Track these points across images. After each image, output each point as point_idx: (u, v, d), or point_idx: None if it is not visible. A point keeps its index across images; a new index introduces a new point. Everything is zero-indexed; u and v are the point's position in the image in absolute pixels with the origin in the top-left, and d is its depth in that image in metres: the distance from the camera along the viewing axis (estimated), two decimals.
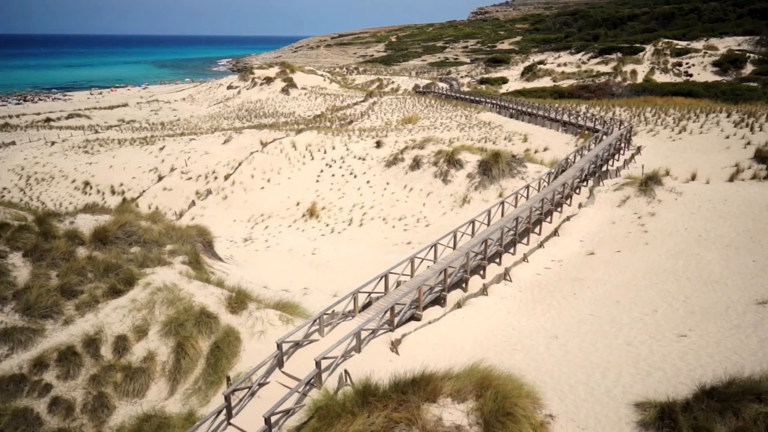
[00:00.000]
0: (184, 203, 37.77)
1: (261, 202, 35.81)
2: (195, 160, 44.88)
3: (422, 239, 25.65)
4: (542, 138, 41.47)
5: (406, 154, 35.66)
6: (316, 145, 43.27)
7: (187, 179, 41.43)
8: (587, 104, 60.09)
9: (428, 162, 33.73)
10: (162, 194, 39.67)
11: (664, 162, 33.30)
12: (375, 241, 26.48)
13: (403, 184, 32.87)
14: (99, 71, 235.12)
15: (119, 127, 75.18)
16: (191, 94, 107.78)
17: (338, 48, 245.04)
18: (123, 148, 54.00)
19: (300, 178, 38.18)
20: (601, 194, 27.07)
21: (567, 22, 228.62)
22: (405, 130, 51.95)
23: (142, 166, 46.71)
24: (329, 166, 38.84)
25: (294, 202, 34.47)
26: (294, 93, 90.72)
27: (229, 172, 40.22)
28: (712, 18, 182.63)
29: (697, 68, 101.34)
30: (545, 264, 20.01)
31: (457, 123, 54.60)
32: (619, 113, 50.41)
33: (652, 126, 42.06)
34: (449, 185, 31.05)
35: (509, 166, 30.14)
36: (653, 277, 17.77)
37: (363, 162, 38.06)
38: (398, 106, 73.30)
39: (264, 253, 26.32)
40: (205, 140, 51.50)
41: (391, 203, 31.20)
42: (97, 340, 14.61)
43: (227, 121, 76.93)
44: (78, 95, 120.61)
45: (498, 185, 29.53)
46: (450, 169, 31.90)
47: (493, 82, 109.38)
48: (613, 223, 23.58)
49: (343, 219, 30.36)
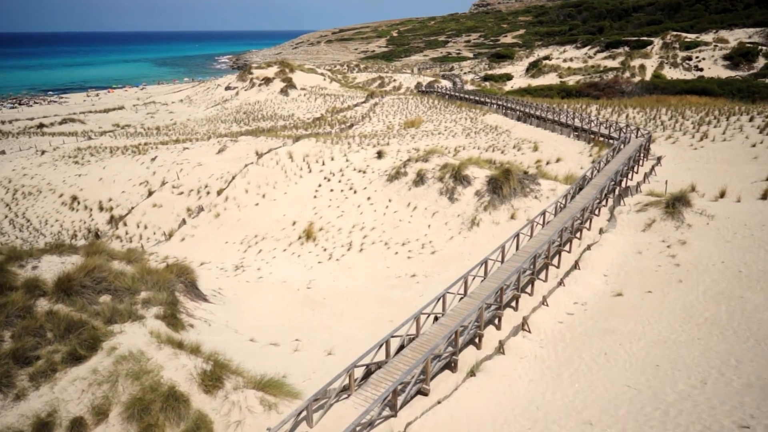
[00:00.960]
0: (174, 221, 35.62)
1: (255, 221, 33.62)
2: (187, 172, 42.74)
3: (428, 270, 23.43)
4: (553, 146, 39.08)
5: (409, 168, 33.38)
6: (314, 155, 41.01)
7: (179, 194, 39.28)
8: (597, 104, 57.58)
9: (433, 177, 31.46)
10: (151, 211, 37.54)
11: (688, 175, 30.93)
12: (376, 271, 24.26)
13: (407, 202, 30.62)
14: (98, 71, 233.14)
15: (113, 133, 73.05)
16: (189, 96, 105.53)
17: (339, 44, 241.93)
18: (114, 158, 51.90)
19: (297, 193, 35.96)
20: (623, 216, 24.76)
21: (571, 14, 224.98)
22: (408, 136, 49.63)
23: (132, 178, 44.60)
24: (328, 179, 36.60)
25: (290, 221, 32.27)
26: (293, 94, 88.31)
27: (222, 187, 38.04)
28: (719, 8, 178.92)
29: (708, 62, 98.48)
30: (567, 308, 17.76)
31: (462, 127, 52.21)
32: (632, 116, 47.92)
33: (670, 131, 39.61)
34: (456, 204, 28.78)
35: (521, 183, 27.82)
36: (693, 329, 15.51)
37: (363, 175, 35.81)
38: (400, 107, 70.87)
39: (255, 285, 24.15)
40: (199, 149, 49.33)
41: (393, 224, 28.96)
42: (50, 424, 12.50)
43: (224, 125, 74.71)
44: (74, 97, 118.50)
45: (509, 205, 27.23)
46: (457, 186, 29.61)
47: (498, 78, 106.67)
48: (639, 252, 21.30)
49: (342, 242, 28.14)
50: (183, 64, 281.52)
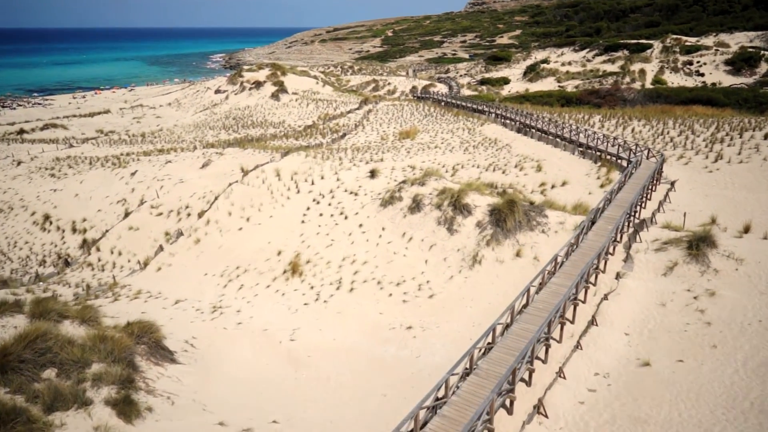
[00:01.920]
0: (151, 248, 33.04)
1: (238, 249, 31.11)
2: (168, 189, 40.14)
3: (425, 319, 21.02)
4: (558, 165, 36.75)
5: (404, 192, 30.95)
6: (302, 173, 38.51)
7: (158, 215, 36.68)
8: (600, 115, 55.35)
9: (430, 204, 29.05)
10: (127, 235, 34.94)
11: (705, 203, 28.69)
12: (368, 319, 21.83)
13: (401, 232, 28.19)
14: (88, 70, 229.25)
15: (96, 140, 70.19)
16: (178, 99, 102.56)
17: (333, 43, 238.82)
18: (93, 170, 49.15)
19: (283, 216, 33.46)
20: (640, 256, 22.44)
21: (567, 15, 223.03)
22: (402, 150, 47.19)
23: (110, 195, 41.93)
24: (317, 202, 34.12)
25: (275, 250, 29.77)
26: (284, 99, 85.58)
27: (204, 208, 35.47)
28: (717, 10, 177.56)
29: (709, 67, 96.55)
30: (588, 381, 15.41)
31: (459, 139, 49.82)
32: (638, 129, 45.67)
33: (681, 150, 37.37)
34: (455, 236, 26.38)
35: (527, 216, 25.45)
36: (740, 417, 13.20)
37: (355, 198, 33.36)
38: (395, 114, 68.41)
39: (233, 334, 21.68)
40: (182, 163, 46.70)
41: (387, 257, 26.53)
42: None
43: (212, 132, 72.00)
44: (60, 99, 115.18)
45: (514, 240, 24.85)
46: (456, 216, 27.21)
47: (494, 82, 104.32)
48: (662, 305, 18.97)
49: (331, 279, 25.68)
50: (176, 63, 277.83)
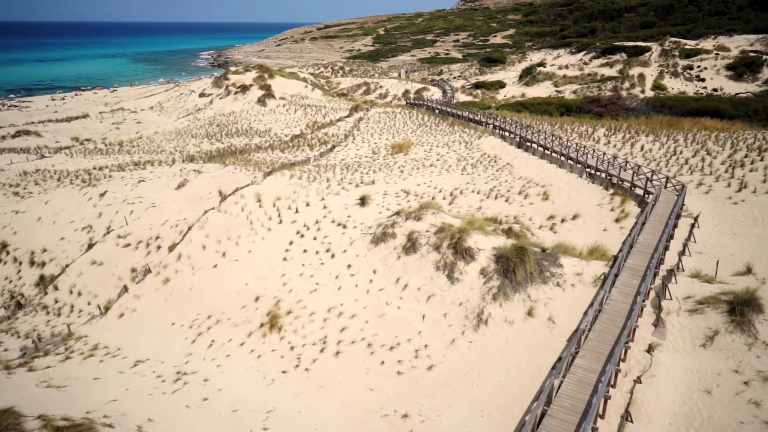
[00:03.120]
0: (115, 288, 29.53)
1: (211, 291, 27.68)
2: (138, 215, 36.62)
3: (423, 403, 17.76)
4: (565, 191, 33.61)
5: (397, 228, 27.68)
6: (286, 198, 35.12)
7: (125, 246, 33.16)
8: (604, 127, 52.37)
9: (427, 244, 25.80)
10: (89, 271, 31.40)
11: (735, 244, 25.65)
12: (357, 398, 18.54)
13: (395, 277, 24.93)
14: (72, 67, 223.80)
15: (70, 150, 66.18)
16: (160, 102, 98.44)
17: (323, 42, 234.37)
18: (61, 188, 45.36)
19: (263, 252, 30.07)
20: (672, 318, 19.33)
21: (561, 14, 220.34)
22: (395, 168, 43.90)
23: (75, 220, 38.30)
24: (301, 235, 30.77)
25: (252, 296, 26.39)
26: (271, 104, 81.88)
27: (176, 240, 32.00)
28: (713, 11, 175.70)
29: (710, 72, 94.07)
30: None
31: (456, 155, 46.59)
32: (648, 147, 42.65)
33: (698, 175, 34.35)
34: (457, 286, 23.16)
35: (539, 265, 22.24)
36: None
37: (343, 232, 30.05)
38: (387, 123, 65.05)
39: (197, 415, 18.33)
40: (157, 182, 43.10)
41: (378, 309, 23.27)
42: None
43: (194, 140, 68.23)
44: (38, 101, 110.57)
45: (525, 294, 21.65)
46: (457, 262, 23.97)
47: (489, 86, 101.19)
48: (708, 392, 15.86)
49: (314, 338, 22.35)
50: (163, 60, 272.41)
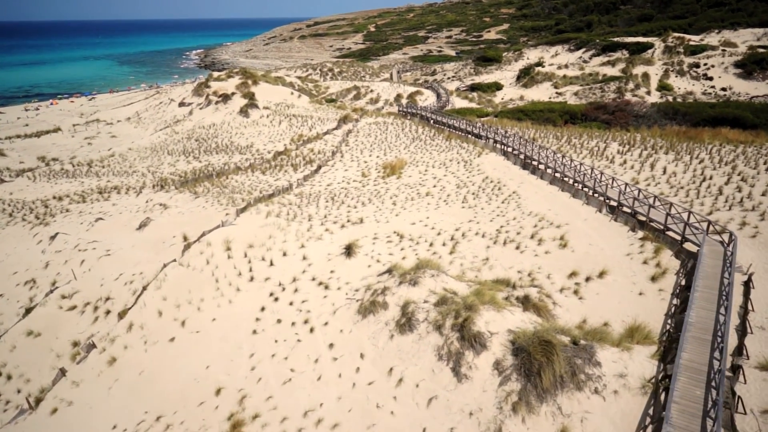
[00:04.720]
0: (50, 371, 24.51)
1: (165, 376, 22.75)
2: (90, 265, 31.65)
3: None
4: (586, 234, 28.77)
5: (389, 296, 22.82)
6: (260, 245, 30.20)
7: (69, 309, 28.15)
8: (616, 142, 47.59)
9: (426, 320, 20.96)
10: (24, 345, 26.37)
11: None
12: None
13: (387, 366, 20.07)
14: (54, 71, 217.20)
15: (34, 172, 60.84)
16: (138, 112, 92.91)
17: (313, 40, 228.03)
18: (10, 227, 40.34)
19: (229, 320, 25.14)
20: None
21: (556, 7, 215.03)
22: (387, 198, 38.97)
23: (18, 271, 33.32)
24: (275, 298, 25.86)
25: (213, 387, 21.47)
26: (254, 115, 76.54)
27: (128, 305, 27.02)
28: (712, 2, 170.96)
29: (718, 70, 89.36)
30: None
31: (455, 179, 41.69)
32: (671, 170, 37.81)
33: (739, 210, 29.57)
34: (465, 385, 18.31)
35: (570, 365, 17.37)
36: None
37: (325, 295, 25.17)
38: (378, 137, 60.01)
39: None
40: (117, 219, 38.10)
41: (367, 417, 18.41)
42: None
43: (170, 158, 62.99)
44: (11, 112, 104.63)
45: (554, 406, 16.80)
46: (464, 351, 19.11)
47: (486, 88, 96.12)
48: None
49: None
50: (149, 62, 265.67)
